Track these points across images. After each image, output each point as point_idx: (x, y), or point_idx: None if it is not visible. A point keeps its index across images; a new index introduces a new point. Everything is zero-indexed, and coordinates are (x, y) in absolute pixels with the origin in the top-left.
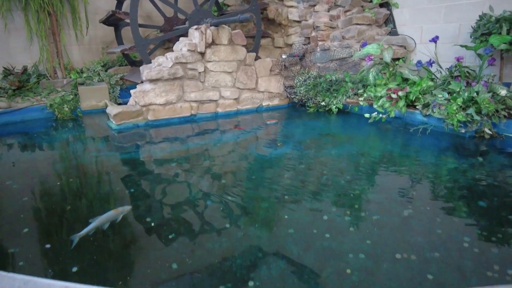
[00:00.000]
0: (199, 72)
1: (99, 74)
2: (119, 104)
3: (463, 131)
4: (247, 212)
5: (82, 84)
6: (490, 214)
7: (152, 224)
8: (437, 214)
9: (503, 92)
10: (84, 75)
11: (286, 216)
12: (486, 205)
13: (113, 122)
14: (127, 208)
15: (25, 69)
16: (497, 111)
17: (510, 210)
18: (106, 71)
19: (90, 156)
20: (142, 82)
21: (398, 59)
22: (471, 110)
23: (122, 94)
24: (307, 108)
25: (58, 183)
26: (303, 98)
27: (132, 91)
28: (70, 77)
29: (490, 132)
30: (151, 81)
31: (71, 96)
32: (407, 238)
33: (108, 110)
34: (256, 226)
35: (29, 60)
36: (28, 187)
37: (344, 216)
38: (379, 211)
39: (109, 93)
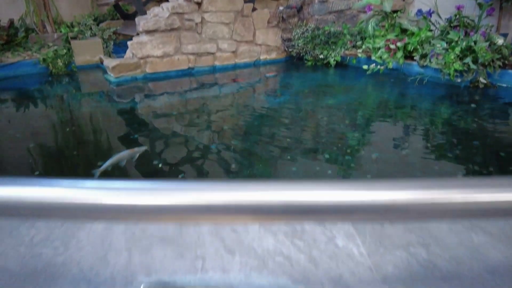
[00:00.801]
0: (196, 23)
1: (91, 28)
2: None
3: (458, 80)
4: (250, 153)
5: (74, 38)
6: (483, 152)
7: (160, 165)
8: (434, 152)
9: (500, 41)
10: (76, 29)
11: (288, 157)
12: (479, 143)
13: (112, 75)
14: (143, 148)
15: (11, 23)
16: (493, 60)
17: (501, 147)
18: (98, 25)
19: (91, 108)
20: (138, 34)
21: (397, 11)
22: (468, 59)
23: (116, 49)
24: (305, 61)
25: (62, 132)
26: (301, 51)
27: (129, 43)
28: (61, 31)
29: (484, 82)
30: (148, 32)
31: (64, 51)
32: (406, 172)
33: (105, 63)
34: (260, 166)
35: (14, 13)
36: (32, 136)
37: (345, 155)
38: (378, 150)
39: (103, 48)
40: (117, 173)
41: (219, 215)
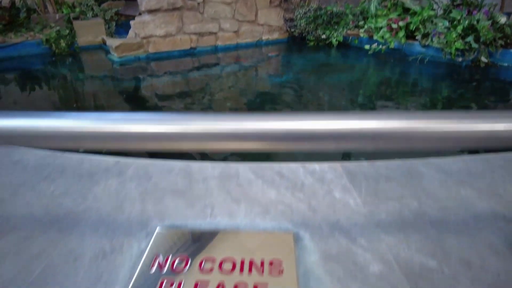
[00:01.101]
0: (198, 3)
1: (92, 9)
2: None
3: (460, 59)
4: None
5: (76, 19)
6: None
7: None
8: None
9: (502, 19)
10: (77, 9)
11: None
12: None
13: (115, 55)
14: None
15: (12, 3)
16: (494, 39)
17: None
18: (99, 5)
19: (95, 87)
20: (140, 14)
21: None
22: (469, 38)
23: (117, 30)
24: (307, 41)
25: (70, 108)
26: (303, 31)
27: (132, 22)
28: (62, 12)
29: (486, 61)
30: (150, 11)
31: (67, 31)
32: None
33: (109, 43)
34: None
35: None
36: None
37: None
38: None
39: (105, 28)
40: None
41: (230, 141)
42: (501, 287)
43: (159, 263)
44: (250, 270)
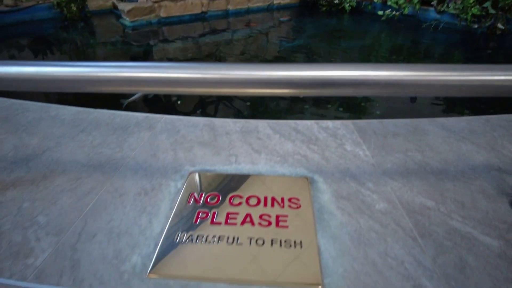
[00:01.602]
0: None
1: None
2: None
3: (475, 26)
4: (262, 99)
5: None
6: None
7: (178, 102)
8: (441, 98)
9: None
10: None
11: (301, 96)
12: None
13: (127, 19)
14: None
15: None
16: None
17: None
18: None
19: (109, 51)
20: None
21: None
22: (487, 3)
23: None
24: (320, 6)
25: None
26: None
27: None
28: None
29: (502, 28)
30: None
31: None
32: (412, 113)
33: (120, 7)
34: (273, 104)
35: None
36: None
37: (354, 97)
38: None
39: None
40: (142, 105)
41: (249, 88)
42: (488, 221)
43: (194, 198)
44: (272, 204)
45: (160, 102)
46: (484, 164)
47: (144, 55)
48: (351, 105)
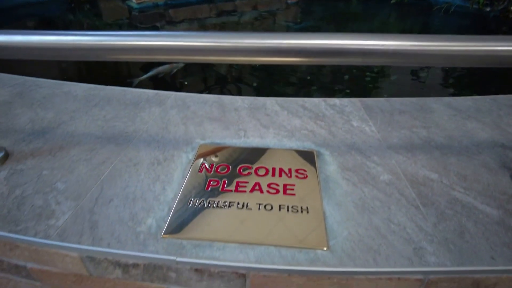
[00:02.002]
0: None
1: None
2: None
3: (488, 9)
4: (272, 73)
5: None
6: (500, 83)
7: (186, 83)
8: (449, 82)
9: None
10: None
11: (308, 77)
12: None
13: (134, 1)
14: (181, 64)
15: None
16: None
17: None
18: None
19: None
20: None
21: None
22: None
23: None
24: None
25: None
26: None
27: None
28: None
29: None
30: None
31: None
32: (421, 94)
33: None
34: (281, 85)
35: None
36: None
37: (364, 77)
38: (396, 73)
39: None
40: (154, 84)
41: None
42: (488, 192)
43: (205, 167)
44: (280, 175)
45: (166, 84)
46: (488, 141)
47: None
48: (359, 86)
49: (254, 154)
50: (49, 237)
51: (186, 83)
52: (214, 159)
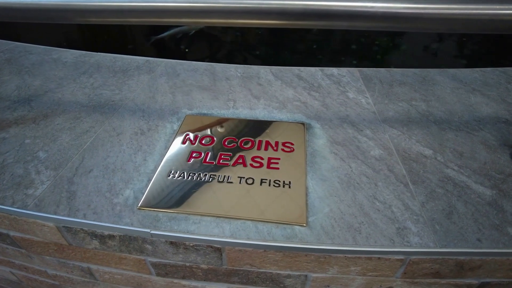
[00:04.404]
0: None
1: None
2: None
3: None
4: (281, 47)
5: None
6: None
7: (187, 50)
8: (464, 44)
9: None
10: None
11: (314, 46)
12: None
13: None
14: (199, 26)
15: None
16: None
17: None
18: None
19: None
20: None
21: None
22: None
23: None
24: None
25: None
26: None
27: None
28: None
29: None
30: None
31: None
32: (430, 64)
33: None
34: (286, 53)
35: None
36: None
37: (373, 45)
38: (407, 43)
39: None
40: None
41: (248, 17)
42: (484, 171)
43: (189, 139)
44: (266, 148)
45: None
46: (491, 116)
47: None
48: (367, 57)
49: (241, 125)
50: (27, 207)
51: (186, 50)
52: (199, 130)
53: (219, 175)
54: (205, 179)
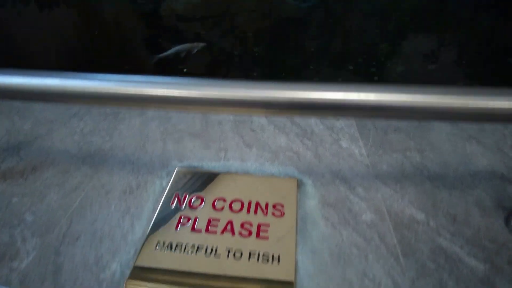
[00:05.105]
0: None
1: None
2: None
3: None
4: (273, 62)
5: None
6: None
7: (185, 70)
8: (463, 70)
9: None
10: None
11: (311, 67)
12: None
13: None
14: (202, 44)
15: None
16: None
17: None
18: None
19: (111, 8)
20: None
21: None
22: None
23: None
24: None
25: (90, 35)
26: None
27: None
28: None
29: None
30: None
31: None
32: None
33: None
34: (283, 76)
35: None
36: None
37: (370, 67)
38: (404, 64)
39: None
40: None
41: (238, 107)
42: (477, 240)
43: (178, 199)
44: (255, 211)
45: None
46: (486, 170)
47: (149, 12)
48: (364, 78)
49: (231, 183)
50: (11, 284)
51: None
52: (188, 187)
53: (207, 246)
54: (192, 251)
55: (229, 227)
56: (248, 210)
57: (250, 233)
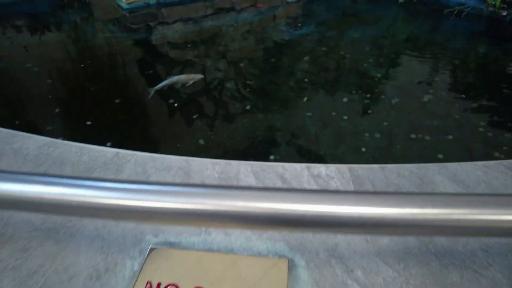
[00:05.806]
0: None
1: None
2: None
3: (504, 14)
4: (266, 94)
5: None
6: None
7: (176, 104)
8: (457, 100)
9: None
10: None
11: (305, 99)
12: (510, 92)
13: (123, 0)
14: (199, 76)
15: None
16: None
17: None
18: None
19: (104, 37)
20: None
21: None
22: None
23: None
24: None
25: (79, 66)
26: None
27: None
28: None
29: None
30: None
31: None
32: (423, 121)
33: None
34: (276, 108)
35: None
36: (49, 70)
37: (364, 99)
38: (398, 95)
39: None
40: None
41: (211, 221)
42: None
43: None
44: None
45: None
46: (500, 244)
47: (141, 40)
48: (357, 110)
49: (213, 263)
50: None
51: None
52: (162, 273)
53: None
54: None
55: None
56: None
57: None
